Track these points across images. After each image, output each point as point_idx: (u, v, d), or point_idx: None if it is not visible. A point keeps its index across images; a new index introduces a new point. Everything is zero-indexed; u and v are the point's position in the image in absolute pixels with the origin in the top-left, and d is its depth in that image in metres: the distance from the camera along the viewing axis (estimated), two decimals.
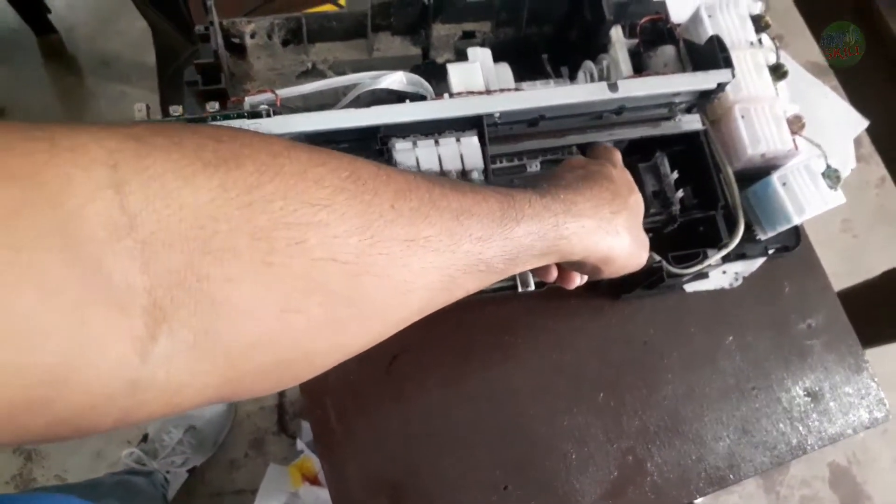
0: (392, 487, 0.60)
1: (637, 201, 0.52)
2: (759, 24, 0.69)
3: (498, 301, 0.64)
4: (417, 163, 0.53)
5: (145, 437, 1.38)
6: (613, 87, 0.57)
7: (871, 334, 0.95)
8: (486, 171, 0.54)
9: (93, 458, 1.43)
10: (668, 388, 0.66)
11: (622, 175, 0.53)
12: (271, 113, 0.53)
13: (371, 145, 0.54)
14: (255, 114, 0.53)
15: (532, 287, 0.58)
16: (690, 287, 0.69)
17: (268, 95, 0.54)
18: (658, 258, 0.60)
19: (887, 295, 0.97)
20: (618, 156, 0.58)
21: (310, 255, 0.28)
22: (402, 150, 0.53)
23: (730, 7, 0.68)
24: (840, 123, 0.77)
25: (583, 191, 0.46)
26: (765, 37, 0.69)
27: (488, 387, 0.64)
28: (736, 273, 0.70)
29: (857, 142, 0.83)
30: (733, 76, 0.59)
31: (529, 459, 0.62)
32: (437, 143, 0.53)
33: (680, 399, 0.65)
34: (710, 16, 0.67)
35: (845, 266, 1.74)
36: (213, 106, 0.54)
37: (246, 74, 0.61)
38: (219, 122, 0.52)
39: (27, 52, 1.66)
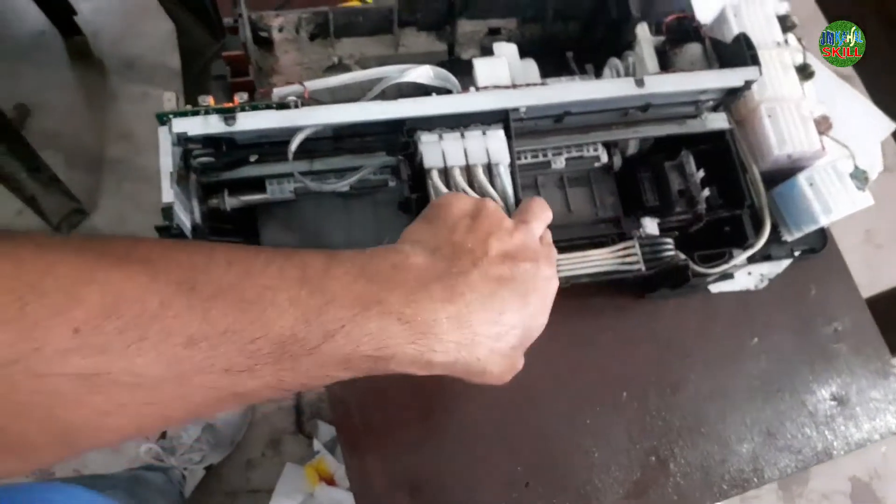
0: (412, 483, 0.60)
1: (541, 306, 0.42)
2: (785, 23, 0.69)
3: None
4: (444, 156, 0.52)
5: (164, 434, 1.38)
6: (640, 82, 0.57)
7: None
8: (512, 165, 0.53)
9: (111, 453, 1.44)
10: (692, 388, 0.65)
11: (542, 254, 0.43)
12: (299, 104, 0.53)
13: (397, 138, 0.54)
14: (283, 105, 0.53)
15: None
16: (715, 288, 0.68)
17: (296, 87, 0.55)
18: (684, 257, 0.60)
19: None
20: (547, 218, 0.47)
21: None
22: (428, 142, 0.53)
23: (756, 6, 0.68)
24: (867, 126, 0.76)
25: (458, 290, 0.37)
26: (791, 37, 0.69)
27: (510, 384, 0.63)
28: (762, 275, 0.69)
29: (883, 150, 0.82)
30: (760, 74, 0.59)
31: (551, 457, 0.62)
32: (462, 136, 0.53)
33: (704, 400, 0.65)
34: (735, 15, 0.67)
35: (867, 276, 1.72)
36: (241, 96, 0.54)
37: (272, 68, 0.62)
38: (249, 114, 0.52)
39: (54, 53, 1.68)
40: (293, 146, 0.52)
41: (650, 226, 0.62)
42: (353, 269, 0.36)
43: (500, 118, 0.54)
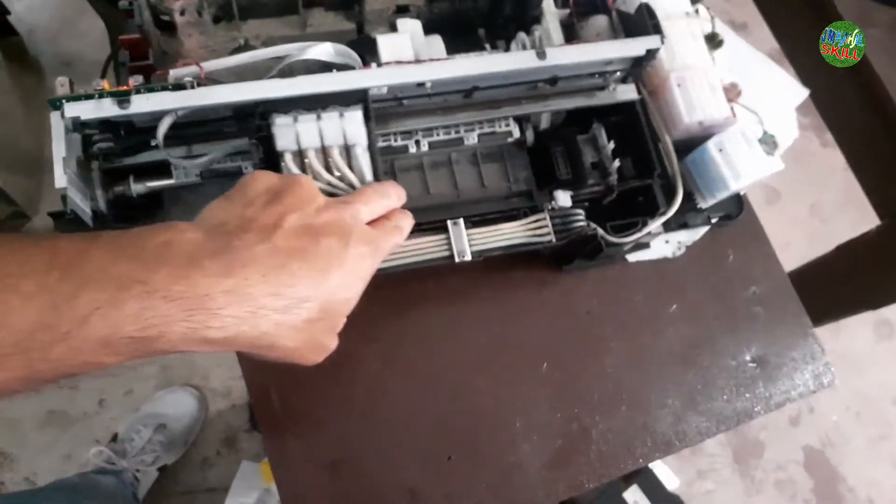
0: (334, 465, 0.60)
1: (345, 282, 0.42)
2: None
3: (439, 273, 0.63)
4: (297, 138, 0.52)
5: (115, 437, 1.37)
6: (542, 54, 0.57)
7: (825, 309, 0.96)
8: (371, 147, 0.53)
9: (63, 460, 1.42)
10: (612, 357, 0.66)
11: (357, 233, 0.43)
12: (195, 85, 0.52)
13: (250, 122, 0.53)
14: (178, 86, 0.52)
15: (468, 257, 0.58)
16: (633, 257, 0.69)
17: (193, 69, 0.54)
18: (593, 226, 0.60)
19: (842, 268, 0.98)
20: (383, 205, 0.48)
21: None
22: (282, 125, 0.52)
23: None
24: (782, 93, 0.78)
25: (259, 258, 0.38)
26: (702, 8, 0.70)
27: (430, 360, 0.63)
28: (679, 242, 0.70)
29: (821, 129, 0.83)
30: (662, 42, 0.60)
31: (473, 431, 0.62)
32: (319, 117, 0.52)
33: (624, 368, 0.65)
34: None
35: (812, 250, 1.75)
36: (136, 79, 0.54)
37: (178, 52, 0.61)
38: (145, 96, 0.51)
39: None
40: (160, 131, 0.52)
41: (563, 198, 0.62)
42: (113, 249, 0.35)
43: (358, 99, 0.54)
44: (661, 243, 0.69)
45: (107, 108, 0.51)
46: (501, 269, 0.66)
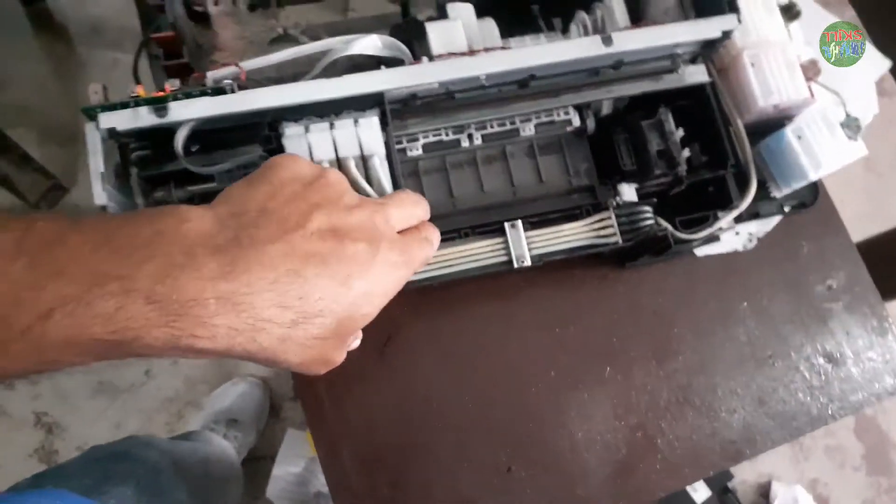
0: (389, 471, 0.58)
1: (369, 294, 0.36)
2: None
3: (495, 274, 0.60)
4: (310, 150, 0.48)
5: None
6: (608, 40, 0.52)
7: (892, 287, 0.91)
8: (389, 154, 0.49)
9: (113, 429, 1.44)
10: (679, 359, 0.62)
11: (389, 239, 0.38)
12: (235, 88, 0.49)
13: (259, 131, 0.49)
14: (218, 90, 0.49)
15: (528, 262, 0.55)
16: (701, 251, 0.64)
17: (232, 69, 0.50)
18: (663, 226, 0.56)
19: None
20: (417, 214, 0.43)
21: None
22: (293, 135, 0.48)
23: None
24: (861, 66, 0.71)
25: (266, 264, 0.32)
26: None
27: (487, 364, 0.60)
28: (750, 234, 0.65)
29: (880, 80, 0.77)
30: (739, 22, 0.54)
31: (533, 439, 0.59)
32: (332, 126, 0.48)
33: (691, 371, 0.62)
34: None
35: (869, 207, 1.68)
36: (173, 83, 0.50)
37: (213, 45, 0.57)
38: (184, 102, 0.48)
39: (15, 22, 1.61)
40: (178, 143, 0.48)
41: (627, 192, 0.58)
42: (96, 236, 0.30)
43: (374, 103, 0.50)
44: (731, 235, 0.65)
45: (143, 118, 0.48)
46: (561, 267, 0.62)
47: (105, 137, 0.49)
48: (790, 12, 0.62)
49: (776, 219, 0.65)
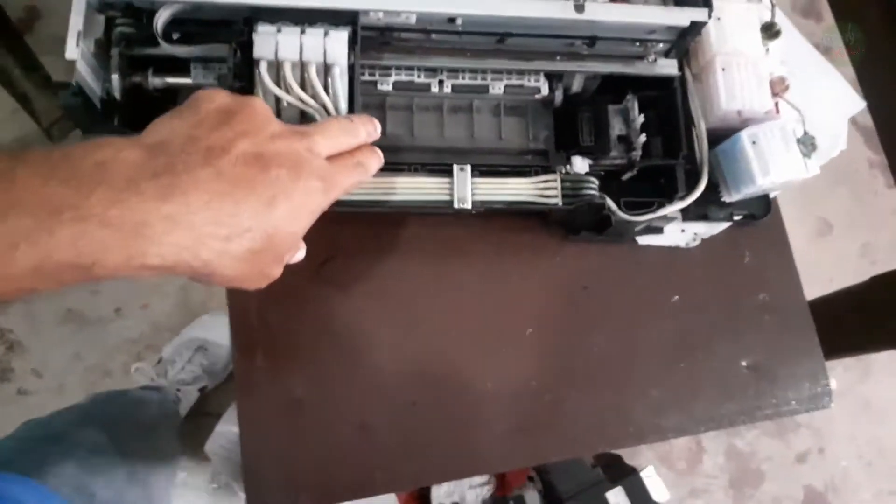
0: (300, 382, 0.59)
1: (291, 214, 0.40)
2: None
3: (441, 220, 0.62)
4: (276, 48, 0.50)
5: (160, 361, 1.39)
6: (580, 8, 0.55)
7: (847, 340, 0.92)
8: (352, 73, 0.52)
9: (72, 358, 1.45)
10: (602, 336, 0.64)
11: (311, 166, 0.41)
12: None
13: (234, 27, 0.52)
14: None
15: (468, 205, 0.56)
16: (644, 240, 0.66)
17: None
18: (603, 196, 0.58)
19: (873, 301, 0.93)
20: (344, 142, 0.46)
21: None
22: (264, 33, 0.51)
23: None
24: (835, 99, 0.73)
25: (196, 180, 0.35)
26: None
27: (415, 304, 0.62)
28: (695, 234, 0.67)
29: (883, 168, 0.78)
30: (709, 17, 0.57)
31: (443, 382, 0.61)
32: (303, 32, 0.51)
33: (612, 349, 0.63)
34: None
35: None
36: None
37: None
38: None
39: None
40: (158, 21, 0.51)
41: (580, 164, 0.60)
42: (42, 170, 0.33)
43: (348, 21, 0.52)
44: (677, 231, 0.66)
45: None
46: (506, 228, 0.64)
47: (92, 5, 0.52)
48: (770, 31, 0.65)
49: (724, 224, 0.67)
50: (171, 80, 0.58)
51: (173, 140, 0.37)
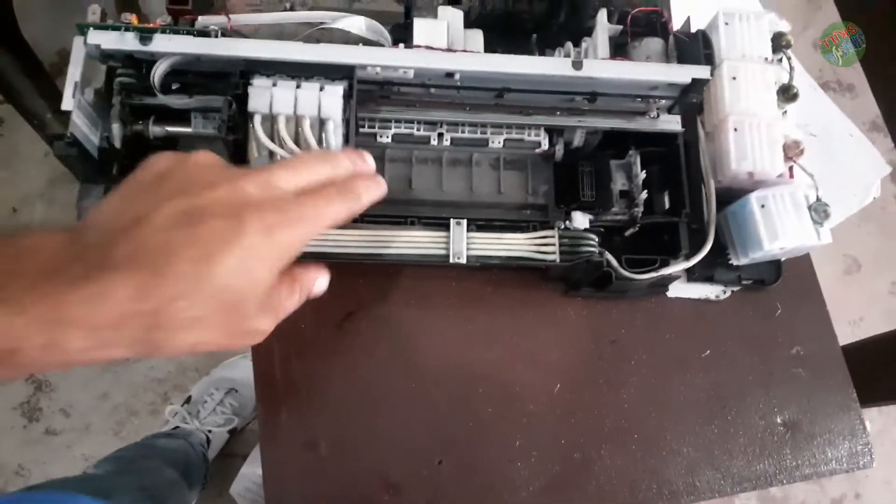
0: (322, 443, 0.58)
1: (243, 264, 0.34)
2: (779, 42, 0.64)
3: (463, 275, 0.62)
4: (271, 101, 0.50)
5: (188, 399, 1.39)
6: (578, 65, 0.54)
7: (882, 388, 0.87)
8: (347, 126, 0.52)
9: (99, 398, 1.45)
10: (632, 391, 0.61)
11: (255, 206, 0.36)
12: (219, 34, 0.52)
13: (230, 80, 0.52)
14: (203, 33, 0.52)
15: (464, 260, 0.55)
16: (674, 293, 0.64)
17: (221, 18, 0.54)
18: (601, 253, 0.56)
19: None
20: (317, 171, 0.40)
21: None
22: (259, 86, 0.51)
23: (750, 19, 0.64)
24: (861, 166, 0.71)
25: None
26: (784, 57, 0.64)
27: (440, 359, 0.61)
28: (724, 287, 0.65)
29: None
30: (711, 74, 0.55)
31: (470, 439, 0.59)
32: (298, 86, 0.51)
33: (642, 405, 0.61)
34: (726, 23, 0.63)
35: (887, 329, 1.60)
36: (165, 19, 0.54)
37: (224, 5, 0.61)
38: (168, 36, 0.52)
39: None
40: (156, 73, 0.52)
41: (580, 220, 0.59)
42: None
43: (344, 76, 0.52)
44: (706, 284, 0.65)
45: (128, 42, 0.52)
46: (530, 282, 0.63)
47: (92, 55, 0.53)
48: (787, 93, 0.62)
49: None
50: (172, 129, 0.59)
51: (101, 219, 0.35)
